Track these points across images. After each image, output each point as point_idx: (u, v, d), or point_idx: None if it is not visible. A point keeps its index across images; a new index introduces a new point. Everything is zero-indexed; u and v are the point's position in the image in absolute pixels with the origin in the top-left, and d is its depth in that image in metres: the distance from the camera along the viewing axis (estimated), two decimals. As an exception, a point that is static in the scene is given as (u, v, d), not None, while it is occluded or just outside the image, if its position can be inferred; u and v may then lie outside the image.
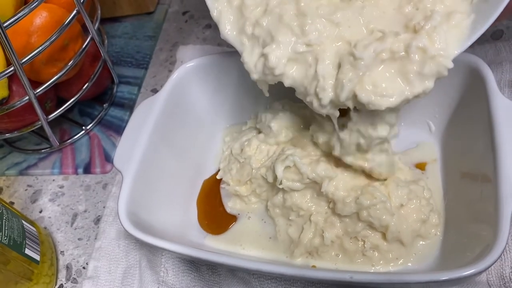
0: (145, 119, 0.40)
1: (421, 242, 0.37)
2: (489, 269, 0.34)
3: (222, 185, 0.43)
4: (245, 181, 0.42)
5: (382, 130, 0.34)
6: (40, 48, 0.41)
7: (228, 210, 0.42)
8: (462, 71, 0.37)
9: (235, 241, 0.40)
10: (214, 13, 0.36)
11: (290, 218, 0.39)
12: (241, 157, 0.42)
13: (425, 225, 0.36)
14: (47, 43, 0.41)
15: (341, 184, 0.37)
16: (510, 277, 0.35)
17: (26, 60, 0.40)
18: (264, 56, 0.33)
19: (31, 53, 0.41)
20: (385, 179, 0.37)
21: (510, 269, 0.35)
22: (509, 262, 0.35)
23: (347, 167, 0.37)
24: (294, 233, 0.38)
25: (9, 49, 0.39)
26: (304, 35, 0.32)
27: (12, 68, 0.40)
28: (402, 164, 0.40)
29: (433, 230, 0.37)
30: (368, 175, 0.37)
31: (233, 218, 0.42)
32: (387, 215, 0.35)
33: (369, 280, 0.30)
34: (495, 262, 0.28)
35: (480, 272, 0.28)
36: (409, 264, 0.36)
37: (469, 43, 0.31)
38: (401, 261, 0.36)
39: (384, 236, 0.36)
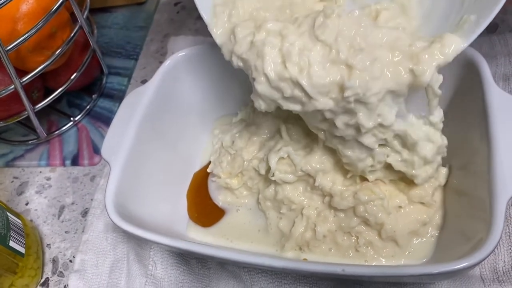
0: (134, 109, 0.39)
1: (417, 240, 0.36)
2: (483, 262, 0.33)
3: (212, 178, 0.43)
4: (236, 174, 0.41)
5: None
6: (26, 35, 0.40)
7: (219, 203, 0.42)
8: (457, 63, 0.36)
9: (225, 234, 0.39)
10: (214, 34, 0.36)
11: (281, 211, 0.38)
12: (232, 149, 0.41)
13: (425, 226, 0.36)
14: (34, 30, 0.40)
15: (336, 178, 0.36)
16: (503, 271, 0.34)
17: (12, 48, 0.39)
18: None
19: (16, 40, 0.39)
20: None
21: (504, 263, 0.34)
22: (503, 256, 0.35)
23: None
24: (285, 227, 0.38)
25: (-6, 35, 0.38)
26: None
27: (-4, 56, 0.39)
28: None
29: (430, 229, 0.36)
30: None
31: (223, 211, 0.41)
32: (383, 213, 0.35)
33: (362, 273, 0.30)
34: (488, 256, 0.28)
35: (473, 266, 0.28)
36: (403, 260, 0.35)
37: (474, 36, 0.31)
38: (395, 258, 0.35)
39: (379, 233, 0.35)
